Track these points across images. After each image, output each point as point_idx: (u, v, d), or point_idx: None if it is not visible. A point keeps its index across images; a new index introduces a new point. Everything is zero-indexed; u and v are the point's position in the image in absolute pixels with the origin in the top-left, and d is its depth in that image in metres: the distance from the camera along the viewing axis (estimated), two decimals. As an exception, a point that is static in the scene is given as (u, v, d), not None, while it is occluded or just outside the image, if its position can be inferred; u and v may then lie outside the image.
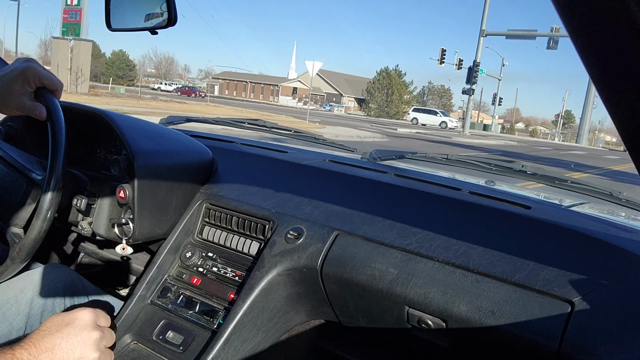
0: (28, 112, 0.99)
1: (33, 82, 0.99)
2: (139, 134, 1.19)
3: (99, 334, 0.82)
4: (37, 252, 1.02)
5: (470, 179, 1.43)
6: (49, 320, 0.81)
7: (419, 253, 0.96)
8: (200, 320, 1.12)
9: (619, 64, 0.35)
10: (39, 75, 0.99)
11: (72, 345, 0.78)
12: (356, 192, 1.18)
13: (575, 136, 53.74)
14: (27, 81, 0.98)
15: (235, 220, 1.20)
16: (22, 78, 0.97)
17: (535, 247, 0.92)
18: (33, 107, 0.99)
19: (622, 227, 1.01)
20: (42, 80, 1.00)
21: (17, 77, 0.97)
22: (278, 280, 1.07)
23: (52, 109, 1.00)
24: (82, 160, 1.34)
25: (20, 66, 0.98)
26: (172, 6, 1.12)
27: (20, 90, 0.97)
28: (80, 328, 0.80)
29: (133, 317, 1.16)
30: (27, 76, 0.97)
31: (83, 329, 0.80)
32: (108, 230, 1.19)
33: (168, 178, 1.20)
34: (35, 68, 0.99)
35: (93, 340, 0.81)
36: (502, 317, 0.82)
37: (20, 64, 0.99)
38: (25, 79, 0.97)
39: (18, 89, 0.96)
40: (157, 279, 1.21)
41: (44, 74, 1.00)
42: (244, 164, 1.38)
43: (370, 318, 1.05)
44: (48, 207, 0.96)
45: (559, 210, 1.06)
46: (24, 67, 0.98)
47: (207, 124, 1.89)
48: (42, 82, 1.00)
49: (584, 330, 0.76)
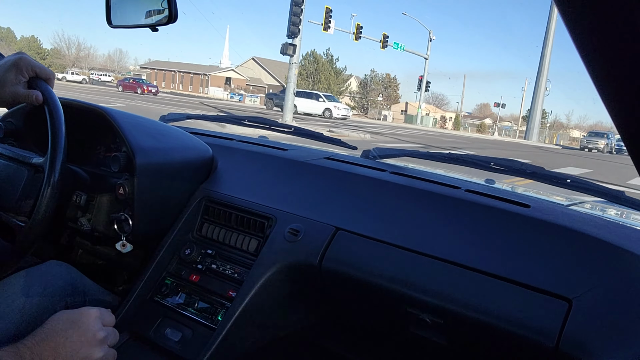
0: (23, 100, 1.02)
1: (26, 72, 1.02)
2: (139, 131, 1.19)
3: (105, 334, 0.81)
4: (37, 249, 1.02)
5: (469, 178, 1.44)
6: (53, 318, 0.79)
7: (417, 251, 0.96)
8: (198, 317, 1.12)
9: (619, 63, 0.35)
10: (31, 64, 1.02)
11: (77, 345, 0.76)
12: (355, 190, 1.18)
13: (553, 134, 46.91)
14: (20, 71, 1.00)
15: (234, 217, 1.21)
16: (15, 68, 1.00)
17: (534, 245, 0.92)
18: (27, 94, 1.01)
19: (621, 226, 1.01)
20: (34, 70, 1.03)
21: (10, 68, 1.00)
22: (277, 278, 1.07)
23: (46, 93, 1.02)
24: (81, 157, 1.34)
25: (11, 58, 1.02)
26: (173, 3, 1.13)
27: (14, 79, 1.00)
28: (85, 328, 0.78)
29: (131, 314, 1.16)
30: (19, 66, 1.00)
31: (88, 329, 0.79)
32: (107, 226, 1.19)
33: (168, 175, 1.20)
34: (26, 58, 1.02)
35: (98, 341, 0.79)
36: (500, 316, 0.83)
37: (10, 56, 1.03)
38: (18, 69, 1.00)
39: (12, 79, 0.99)
40: (156, 276, 1.21)
41: (36, 64, 1.04)
42: (243, 161, 1.38)
43: (369, 315, 1.06)
44: (52, 188, 0.96)
45: (558, 209, 1.07)
46: (16, 58, 1.01)
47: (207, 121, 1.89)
48: (35, 71, 1.03)
49: (582, 329, 0.77)
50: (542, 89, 36.14)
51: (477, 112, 74.24)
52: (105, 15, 1.25)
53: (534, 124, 37.18)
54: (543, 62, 35.67)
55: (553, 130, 53.26)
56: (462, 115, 50.66)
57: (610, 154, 31.14)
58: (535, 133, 37.11)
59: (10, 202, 1.11)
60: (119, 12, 1.25)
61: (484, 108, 75.65)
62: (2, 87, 0.99)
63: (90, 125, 1.33)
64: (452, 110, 60.25)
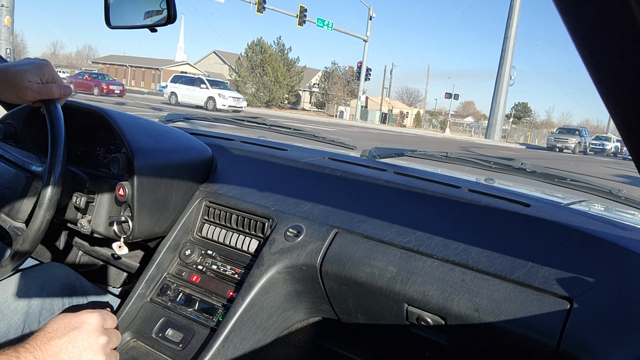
0: (34, 95, 1.01)
1: (45, 78, 1.02)
2: (139, 132, 1.19)
3: (107, 339, 0.80)
4: (36, 251, 1.02)
5: (469, 177, 1.43)
6: (54, 321, 0.78)
7: (418, 251, 0.96)
8: (199, 317, 1.12)
9: (619, 63, 0.34)
10: (53, 74, 1.03)
11: (79, 349, 0.75)
12: (355, 189, 1.18)
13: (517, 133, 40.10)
14: (42, 74, 1.01)
15: (234, 218, 1.20)
16: (38, 70, 1.01)
17: (534, 244, 0.92)
18: (33, 98, 1.01)
19: (622, 225, 1.01)
20: (54, 80, 1.03)
21: (33, 68, 1.01)
22: (277, 278, 1.07)
23: (54, 113, 1.01)
24: (81, 158, 1.34)
25: (37, 61, 1.03)
26: (172, 3, 1.12)
27: (30, 79, 1.00)
28: (88, 332, 0.77)
29: (132, 315, 1.16)
30: (42, 70, 1.01)
31: (91, 333, 0.78)
32: (107, 228, 1.19)
33: (167, 176, 1.20)
34: (51, 67, 1.04)
35: (100, 345, 0.78)
36: (501, 315, 0.83)
37: (36, 60, 1.04)
38: (40, 71, 1.01)
39: (29, 78, 1.00)
40: (157, 277, 1.21)
41: (57, 76, 1.05)
42: (243, 162, 1.38)
43: (370, 316, 1.05)
44: (50, 197, 0.96)
45: (558, 208, 1.06)
46: (42, 62, 1.03)
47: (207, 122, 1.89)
48: (54, 81, 1.03)
49: (583, 328, 0.76)
50: (506, 78, 30.35)
51: (461, 110, 71.79)
52: (104, 16, 1.25)
53: (495, 119, 31.11)
54: (507, 44, 29.47)
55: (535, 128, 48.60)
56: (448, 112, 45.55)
57: (585, 155, 26.84)
58: (497, 130, 31.41)
59: (8, 206, 1.11)
60: (117, 13, 1.25)
61: (468, 106, 74.07)
62: (15, 80, 0.99)
63: (90, 126, 1.33)
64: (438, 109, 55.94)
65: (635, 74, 0.34)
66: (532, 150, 27.20)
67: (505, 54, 29.98)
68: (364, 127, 27.52)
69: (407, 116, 44.54)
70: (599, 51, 0.34)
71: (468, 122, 52.23)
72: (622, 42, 0.32)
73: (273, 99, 38.32)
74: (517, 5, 29.10)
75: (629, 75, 0.35)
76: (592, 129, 45.21)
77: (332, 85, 45.05)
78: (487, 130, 32.66)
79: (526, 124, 53.09)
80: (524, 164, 1.25)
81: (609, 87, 0.36)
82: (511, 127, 44.31)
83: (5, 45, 8.78)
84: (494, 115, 31.06)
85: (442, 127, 41.16)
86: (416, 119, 44.47)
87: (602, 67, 0.36)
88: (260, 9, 24.23)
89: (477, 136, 37.14)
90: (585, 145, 28.39)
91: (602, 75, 0.36)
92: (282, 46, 38.64)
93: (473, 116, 62.89)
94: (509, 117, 45.88)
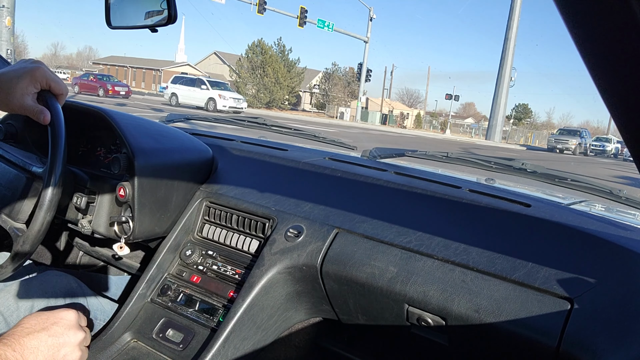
0: (30, 114, 0.96)
1: (40, 84, 0.96)
2: (139, 132, 1.19)
3: (83, 335, 0.84)
4: (37, 252, 1.02)
5: (470, 177, 1.43)
6: (30, 317, 0.80)
7: (418, 251, 0.96)
8: (200, 318, 1.12)
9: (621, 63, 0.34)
10: (47, 77, 0.97)
11: (57, 344, 0.78)
12: (356, 190, 1.18)
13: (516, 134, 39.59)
14: (34, 81, 0.95)
15: (235, 218, 1.20)
16: (30, 77, 0.94)
17: (535, 245, 0.92)
18: (36, 110, 0.96)
19: (622, 225, 1.00)
20: (49, 83, 0.97)
21: (24, 76, 0.94)
22: (278, 279, 1.07)
23: (54, 111, 0.98)
24: (82, 159, 1.34)
25: (28, 66, 0.96)
26: (172, 4, 1.12)
27: (24, 89, 0.94)
28: (65, 327, 0.81)
29: (133, 315, 1.16)
30: (35, 76, 0.95)
31: (69, 328, 0.81)
32: (107, 228, 1.19)
33: (168, 176, 1.20)
34: (44, 69, 0.96)
35: (78, 341, 0.82)
36: (502, 315, 0.82)
37: (28, 64, 0.97)
38: (32, 79, 0.95)
39: (23, 87, 0.94)
40: (157, 277, 1.21)
41: (52, 77, 0.98)
42: (244, 162, 1.38)
43: (370, 316, 1.05)
44: (50, 198, 0.96)
45: (558, 209, 1.06)
46: (33, 67, 0.96)
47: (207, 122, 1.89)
48: (49, 84, 0.98)
49: (584, 328, 0.76)
50: (507, 79, 30.04)
51: (461, 111, 71.59)
52: (104, 17, 1.25)
53: (496, 120, 30.71)
54: (507, 45, 29.26)
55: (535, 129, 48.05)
56: (449, 113, 45.35)
57: (585, 156, 26.84)
58: (498, 132, 31.15)
59: (9, 207, 1.11)
60: (118, 13, 1.25)
61: (468, 107, 73.97)
62: (11, 94, 0.93)
63: (90, 126, 1.33)
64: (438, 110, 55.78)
65: (636, 74, 0.34)
66: (532, 151, 27.17)
67: (506, 55, 29.95)
68: (365, 128, 27.45)
69: (408, 117, 44.30)
70: (600, 51, 0.34)
71: (468, 123, 52.04)
72: (623, 42, 0.32)
73: (273, 100, 38.34)
74: (517, 6, 29.07)
75: (630, 75, 0.35)
76: (592, 130, 45.09)
77: (333, 86, 44.93)
78: (487, 132, 32.80)
79: (527, 125, 52.73)
80: (524, 164, 1.25)
81: (610, 87, 0.36)
82: (512, 129, 43.96)
83: (6, 46, 8.80)
84: (495, 116, 31.11)
85: (442, 129, 40.98)
86: (417, 120, 44.29)
87: (603, 67, 0.35)
88: (261, 10, 24.29)
89: (477, 137, 37.13)
90: (585, 147, 28.46)
91: (603, 75, 0.36)
92: (283, 47, 38.77)
93: (473, 117, 62.49)
94: (509, 119, 45.70)
